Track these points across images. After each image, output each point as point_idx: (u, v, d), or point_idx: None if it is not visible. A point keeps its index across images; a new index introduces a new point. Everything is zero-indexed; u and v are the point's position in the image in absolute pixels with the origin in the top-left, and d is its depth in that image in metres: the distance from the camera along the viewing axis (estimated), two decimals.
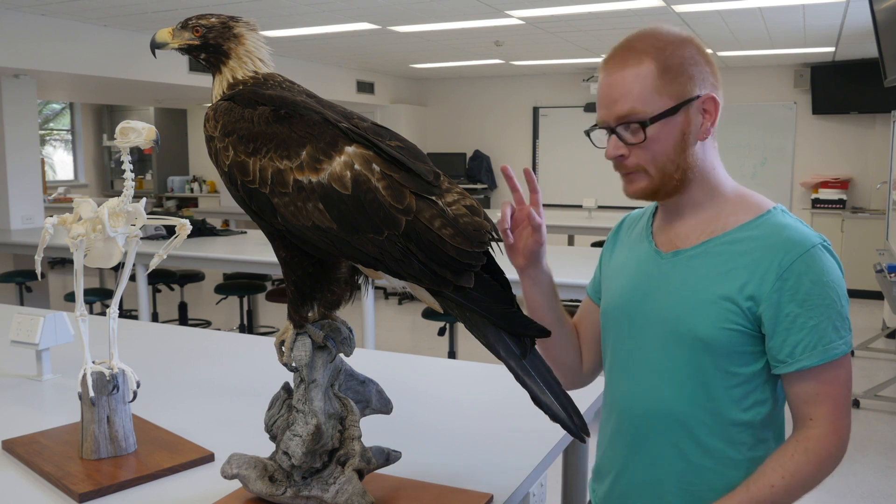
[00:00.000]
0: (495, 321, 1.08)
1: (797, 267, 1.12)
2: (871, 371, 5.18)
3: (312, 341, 1.16)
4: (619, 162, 1.20)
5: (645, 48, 1.16)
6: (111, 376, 1.39)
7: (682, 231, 1.23)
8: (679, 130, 1.16)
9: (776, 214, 1.19)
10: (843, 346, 1.13)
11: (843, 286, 1.15)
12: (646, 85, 1.15)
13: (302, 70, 7.69)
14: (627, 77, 1.15)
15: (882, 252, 5.75)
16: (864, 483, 3.51)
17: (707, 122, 1.18)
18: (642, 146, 1.16)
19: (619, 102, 1.16)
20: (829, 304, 1.12)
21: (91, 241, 1.39)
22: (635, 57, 1.16)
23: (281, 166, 1.08)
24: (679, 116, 1.16)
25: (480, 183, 9.65)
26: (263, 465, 1.19)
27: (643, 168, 1.18)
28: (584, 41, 6.69)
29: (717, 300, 1.14)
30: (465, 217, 1.09)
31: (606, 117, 1.18)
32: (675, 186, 1.19)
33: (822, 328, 1.12)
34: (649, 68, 1.15)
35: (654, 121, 1.15)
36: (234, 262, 4.48)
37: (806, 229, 1.16)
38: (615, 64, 1.17)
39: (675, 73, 1.15)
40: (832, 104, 7.88)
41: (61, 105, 10.98)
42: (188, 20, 1.22)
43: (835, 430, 1.13)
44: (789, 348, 1.12)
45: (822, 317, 1.12)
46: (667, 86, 1.15)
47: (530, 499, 1.38)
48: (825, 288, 1.12)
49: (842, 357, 1.13)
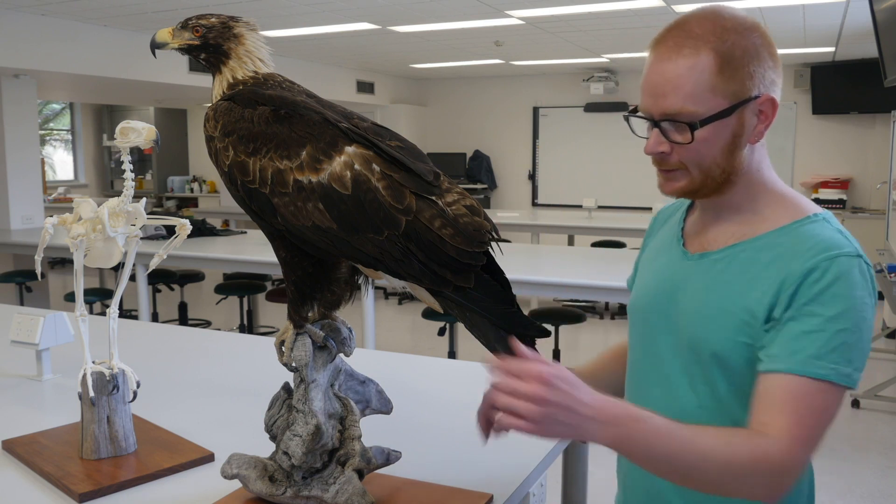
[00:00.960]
0: (495, 321, 1.08)
1: (812, 270, 1.00)
2: (871, 371, 5.18)
3: (312, 341, 1.16)
4: (661, 158, 1.10)
5: (705, 35, 1.03)
6: (111, 376, 1.39)
7: (715, 232, 1.14)
8: (730, 132, 1.06)
9: (815, 221, 1.07)
10: (831, 372, 0.97)
11: (862, 311, 0.99)
12: (700, 81, 1.03)
13: (302, 70, 7.70)
14: (681, 69, 1.03)
15: (882, 252, 5.75)
16: (864, 483, 3.51)
17: (762, 124, 1.07)
18: (688, 146, 1.06)
19: (669, 97, 1.04)
20: (831, 316, 0.98)
21: (91, 241, 1.39)
22: (693, 45, 1.03)
23: (281, 166, 1.08)
24: (733, 118, 1.05)
25: (480, 183, 9.65)
26: (263, 465, 1.19)
27: (684, 166, 1.09)
28: (584, 41, 6.69)
29: (736, 311, 1.05)
30: (465, 217, 1.09)
31: (651, 108, 1.07)
32: (717, 188, 1.10)
33: (812, 339, 0.98)
34: (707, 62, 1.03)
35: (705, 123, 1.04)
36: (234, 262, 4.48)
37: (841, 239, 1.03)
38: (669, 49, 1.05)
39: (734, 68, 1.03)
40: (832, 104, 7.88)
41: (61, 105, 10.98)
42: (188, 20, 1.22)
43: (788, 451, 0.96)
44: (769, 348, 1.01)
45: (818, 328, 0.98)
46: (724, 84, 1.03)
47: (530, 499, 1.38)
48: (833, 298, 0.98)
49: (824, 382, 0.97)
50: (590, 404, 0.93)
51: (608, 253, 4.91)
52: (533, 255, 4.69)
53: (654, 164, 1.12)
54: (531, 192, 9.72)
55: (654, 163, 1.11)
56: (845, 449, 3.91)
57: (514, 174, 9.79)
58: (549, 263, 4.38)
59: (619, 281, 3.47)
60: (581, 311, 4.31)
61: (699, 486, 0.98)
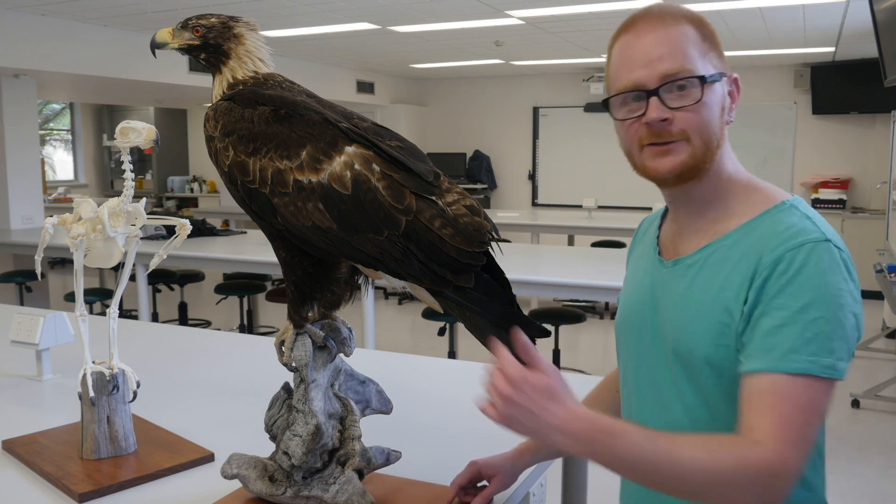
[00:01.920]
0: (495, 321, 1.08)
1: (778, 261, 0.97)
2: (871, 371, 5.18)
3: (312, 341, 1.16)
4: (662, 128, 1.04)
5: (677, 14, 1.06)
6: (111, 376, 1.39)
7: (686, 234, 1.12)
8: (720, 103, 1.05)
9: (782, 210, 1.04)
10: (809, 364, 0.92)
11: (836, 296, 0.95)
12: (692, 46, 1.03)
13: (302, 70, 7.70)
14: (672, 35, 1.04)
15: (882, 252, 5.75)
16: (864, 483, 3.51)
17: (732, 102, 1.08)
18: (691, 109, 1.02)
19: (666, 60, 1.02)
20: (801, 307, 0.94)
21: (91, 241, 1.39)
22: (672, 19, 1.05)
23: (281, 166, 1.08)
24: (720, 87, 1.05)
25: (480, 183, 9.65)
26: (263, 465, 1.19)
27: (687, 136, 1.03)
28: (584, 41, 6.69)
29: (715, 314, 1.02)
30: (465, 217, 1.08)
31: (646, 78, 1.03)
32: (709, 163, 1.06)
33: (785, 333, 0.94)
34: (691, 31, 1.05)
35: (713, 80, 1.04)
36: (234, 262, 4.48)
37: (808, 224, 1.00)
38: (649, 23, 1.05)
39: (711, 43, 1.06)
40: (832, 104, 7.88)
41: (61, 105, 10.97)
42: (188, 20, 1.22)
43: (776, 454, 0.91)
44: (746, 349, 0.98)
45: (789, 320, 0.94)
46: (708, 52, 1.05)
47: (530, 499, 1.38)
48: (800, 288, 0.95)
49: (805, 377, 0.92)
50: (556, 413, 0.92)
51: (608, 253, 4.91)
52: (533, 255, 4.69)
53: (650, 140, 1.05)
54: (531, 192, 9.72)
55: (648, 138, 1.05)
56: (845, 449, 3.91)
57: (514, 174, 9.79)
58: (549, 263, 4.38)
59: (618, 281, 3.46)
60: (581, 311, 4.31)
61: (689, 497, 0.94)
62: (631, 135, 1.07)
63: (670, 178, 1.06)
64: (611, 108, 1.09)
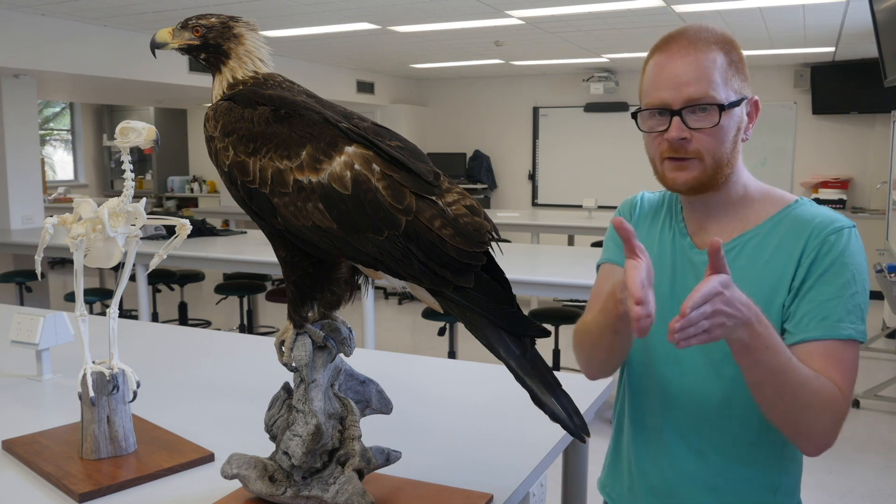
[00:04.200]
0: (495, 321, 1.08)
1: (822, 244, 1.14)
2: (871, 371, 5.18)
3: (312, 341, 1.16)
4: (680, 146, 1.17)
5: (709, 39, 1.16)
6: (111, 376, 1.39)
7: (715, 229, 1.24)
8: (736, 125, 1.18)
9: (802, 205, 1.22)
10: (853, 331, 1.13)
11: (864, 273, 1.16)
12: (719, 73, 1.15)
13: (302, 70, 7.70)
14: (701, 61, 1.15)
15: (882, 252, 5.75)
16: (864, 483, 3.51)
17: (750, 124, 1.21)
18: (709, 132, 1.15)
19: (693, 85, 1.14)
20: (844, 283, 1.13)
21: (91, 241, 1.39)
22: (704, 44, 1.16)
23: (281, 166, 1.08)
24: (739, 111, 1.18)
25: (480, 183, 9.65)
26: (263, 465, 1.19)
27: (701, 155, 1.17)
28: (584, 41, 6.69)
29: (760, 291, 1.15)
30: (465, 217, 1.09)
31: (672, 99, 1.15)
32: (721, 181, 1.19)
33: (833, 305, 1.13)
34: (720, 57, 1.16)
35: (732, 106, 1.15)
36: (234, 262, 4.48)
37: (833, 213, 1.19)
38: (683, 47, 1.16)
39: (736, 68, 1.17)
40: (832, 104, 7.88)
41: (61, 105, 10.98)
42: (188, 20, 1.22)
43: (845, 398, 1.12)
44: (797, 318, 1.14)
45: (835, 295, 1.13)
46: (732, 79, 1.16)
47: (530, 499, 1.38)
48: (843, 267, 1.14)
49: (849, 340, 1.13)
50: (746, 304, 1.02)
51: None
52: (533, 255, 4.69)
53: (669, 154, 1.17)
54: (531, 192, 9.72)
55: (668, 152, 1.17)
56: (845, 449, 3.91)
57: (514, 174, 9.79)
58: (549, 263, 4.38)
59: None
60: (581, 311, 4.30)
61: (785, 405, 1.08)
62: (655, 147, 1.20)
63: (685, 190, 1.20)
64: (639, 120, 1.21)
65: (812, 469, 3.59)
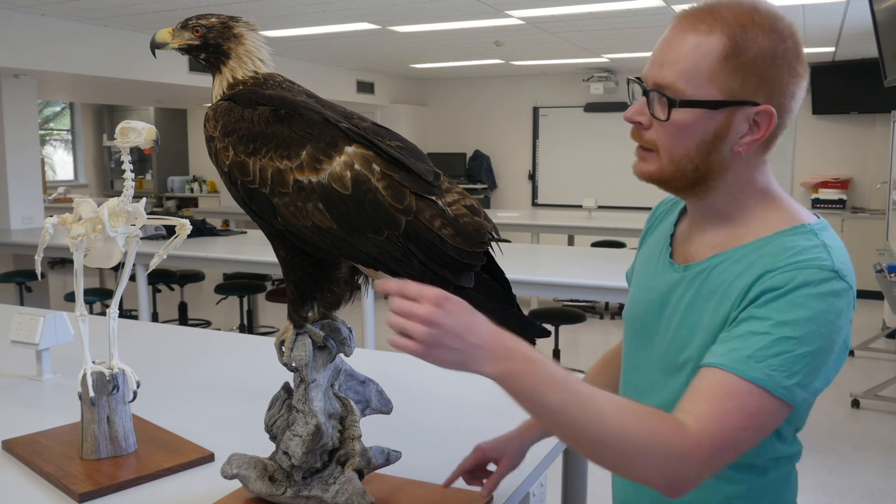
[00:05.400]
0: (495, 321, 1.08)
1: (775, 273, 0.93)
2: (871, 371, 5.18)
3: (312, 341, 1.16)
4: (636, 131, 1.03)
5: (728, 19, 0.96)
6: (111, 376, 1.39)
7: (699, 242, 1.07)
8: (712, 130, 0.97)
9: (800, 232, 0.98)
10: (768, 380, 0.88)
11: (826, 327, 0.90)
12: (701, 63, 0.96)
13: (302, 70, 7.70)
14: (688, 43, 0.97)
15: (882, 252, 5.75)
16: (864, 483, 3.51)
17: (751, 136, 0.97)
18: (665, 126, 0.99)
19: (665, 68, 0.98)
20: (783, 322, 0.90)
21: (91, 241, 1.39)
22: (710, 24, 0.96)
23: (281, 166, 1.08)
24: (719, 115, 0.97)
25: (480, 183, 9.65)
26: (263, 465, 1.19)
27: (657, 148, 1.01)
28: (584, 41, 6.69)
29: (713, 326, 0.98)
30: (465, 217, 1.09)
31: (647, 75, 1.01)
32: (689, 186, 1.02)
33: (756, 340, 0.90)
34: (716, 45, 0.95)
35: (685, 105, 0.97)
36: (234, 262, 4.48)
37: (822, 252, 0.94)
38: (686, 22, 0.98)
39: (742, 64, 0.95)
40: (832, 104, 7.89)
41: (61, 105, 10.97)
42: (188, 20, 1.22)
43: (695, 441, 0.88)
44: (716, 345, 0.95)
45: (764, 330, 0.91)
46: (724, 75, 0.95)
47: (530, 499, 1.38)
48: (791, 306, 0.90)
49: (758, 387, 0.88)
50: (480, 333, 0.90)
51: (608, 253, 4.91)
52: (533, 255, 4.69)
53: (633, 138, 1.04)
54: (531, 192, 9.72)
55: (631, 135, 1.04)
56: (845, 449, 3.91)
57: (514, 174, 9.79)
58: (549, 263, 4.38)
59: (619, 281, 3.47)
60: (581, 311, 4.31)
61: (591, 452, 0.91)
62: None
63: (646, 181, 1.04)
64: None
65: (812, 469, 3.59)
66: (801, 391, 0.89)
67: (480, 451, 1.24)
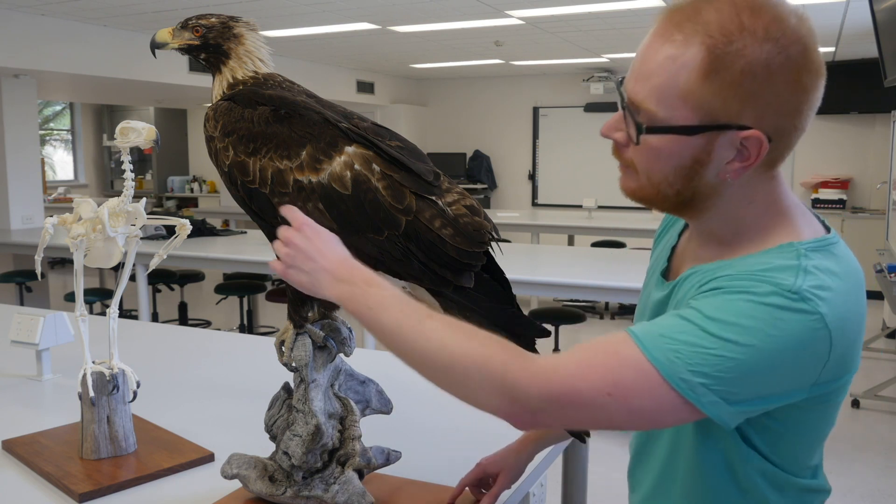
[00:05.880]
0: (495, 321, 1.08)
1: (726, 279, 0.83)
2: (871, 371, 5.18)
3: (312, 341, 1.16)
4: (616, 148, 0.92)
5: (709, 25, 0.80)
6: (111, 376, 1.39)
7: (692, 257, 0.98)
8: (688, 156, 0.85)
9: (784, 251, 0.85)
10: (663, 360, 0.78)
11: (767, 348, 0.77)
12: (674, 80, 0.82)
13: (302, 70, 7.70)
14: (661, 55, 0.83)
15: (882, 252, 5.75)
16: (864, 483, 3.51)
17: (739, 163, 0.84)
18: (638, 147, 0.88)
19: (639, 82, 0.85)
20: (714, 318, 0.79)
21: (91, 241, 1.39)
22: (687, 32, 0.81)
23: (281, 166, 1.08)
24: (696, 140, 0.83)
25: (480, 183, 9.65)
26: (263, 465, 1.19)
27: (635, 167, 0.90)
28: (584, 41, 6.69)
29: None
30: (465, 217, 1.09)
31: (626, 85, 0.88)
32: (674, 208, 0.92)
33: (678, 327, 0.80)
34: (693, 58, 0.80)
35: (652, 132, 0.85)
36: (234, 262, 4.48)
37: (788, 275, 0.80)
38: (664, 26, 0.84)
39: (724, 81, 0.80)
40: (832, 104, 7.80)
41: (61, 105, 10.97)
42: (188, 20, 1.22)
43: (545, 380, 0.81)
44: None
45: (689, 317, 0.80)
46: (701, 93, 0.81)
47: (530, 499, 1.38)
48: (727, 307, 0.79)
49: (651, 366, 0.78)
50: (328, 257, 0.95)
51: (608, 253, 4.91)
52: (533, 255, 4.69)
53: (612, 154, 0.94)
54: (531, 192, 9.72)
55: (612, 152, 0.94)
56: (845, 449, 3.91)
57: (514, 174, 9.79)
58: (549, 263, 4.38)
59: (619, 281, 3.48)
60: (581, 311, 4.31)
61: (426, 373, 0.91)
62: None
63: (631, 199, 0.95)
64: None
65: None
66: (708, 394, 0.77)
67: (481, 468, 1.24)
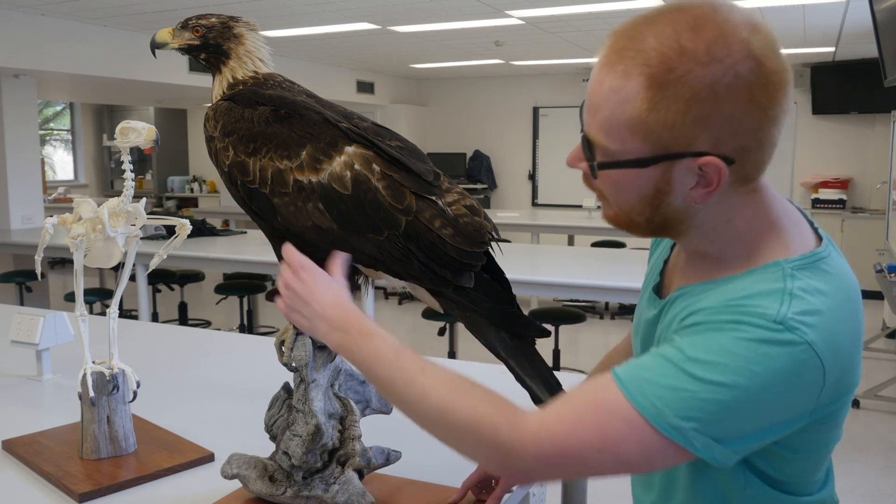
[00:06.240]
0: (495, 321, 1.08)
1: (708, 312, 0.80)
2: (872, 371, 5.18)
3: (312, 341, 1.16)
4: (583, 175, 0.91)
5: (647, 53, 0.76)
6: (111, 376, 1.39)
7: (682, 276, 0.95)
8: (649, 186, 0.82)
9: (770, 271, 0.81)
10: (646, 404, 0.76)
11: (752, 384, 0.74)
12: (619, 112, 0.79)
13: (302, 70, 7.70)
14: (605, 87, 0.80)
15: (882, 252, 5.75)
16: (864, 483, 3.51)
17: (702, 189, 0.80)
18: (599, 178, 0.87)
19: (590, 114, 0.83)
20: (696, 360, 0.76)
21: (91, 241, 1.39)
22: (627, 63, 0.78)
23: (281, 166, 1.08)
24: (652, 171, 0.80)
25: (480, 183, 9.65)
26: (263, 465, 1.19)
27: (605, 197, 0.89)
28: (584, 41, 6.69)
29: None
30: (465, 217, 1.09)
31: (583, 115, 0.87)
32: (652, 233, 0.90)
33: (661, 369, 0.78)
34: (634, 91, 0.77)
35: (604, 167, 0.83)
36: (234, 262, 4.48)
37: (771, 302, 0.77)
38: (606, 57, 0.81)
39: (670, 109, 0.76)
40: (832, 104, 7.88)
41: (61, 105, 10.97)
42: (188, 20, 1.22)
43: (525, 439, 0.80)
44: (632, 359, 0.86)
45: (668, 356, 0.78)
46: (647, 125, 0.77)
47: (530, 499, 1.38)
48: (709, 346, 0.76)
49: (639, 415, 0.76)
50: (322, 302, 0.96)
51: (608, 253, 4.91)
52: (533, 255, 4.69)
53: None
54: (531, 192, 9.72)
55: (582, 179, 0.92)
56: (845, 449, 3.91)
57: (514, 174, 9.79)
58: (549, 263, 4.38)
59: (619, 281, 3.48)
60: (581, 311, 4.31)
61: (423, 427, 0.89)
62: None
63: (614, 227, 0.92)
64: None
65: None
66: (699, 437, 0.75)
67: (483, 469, 1.24)
